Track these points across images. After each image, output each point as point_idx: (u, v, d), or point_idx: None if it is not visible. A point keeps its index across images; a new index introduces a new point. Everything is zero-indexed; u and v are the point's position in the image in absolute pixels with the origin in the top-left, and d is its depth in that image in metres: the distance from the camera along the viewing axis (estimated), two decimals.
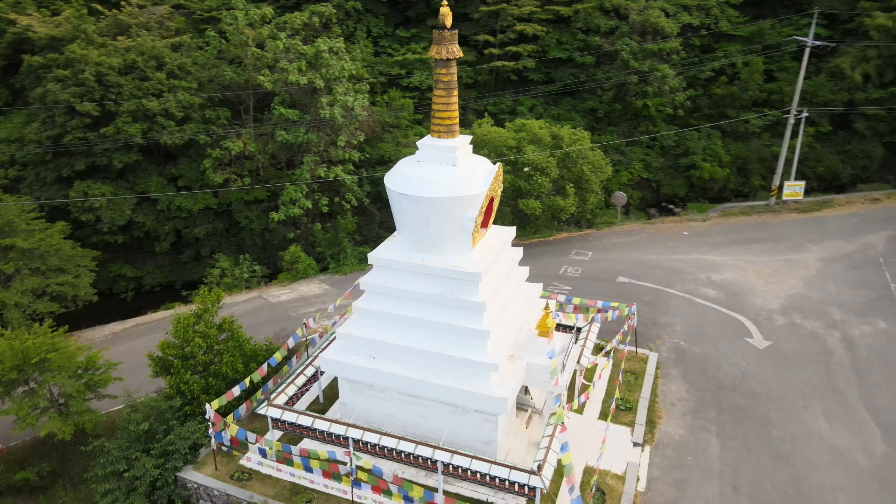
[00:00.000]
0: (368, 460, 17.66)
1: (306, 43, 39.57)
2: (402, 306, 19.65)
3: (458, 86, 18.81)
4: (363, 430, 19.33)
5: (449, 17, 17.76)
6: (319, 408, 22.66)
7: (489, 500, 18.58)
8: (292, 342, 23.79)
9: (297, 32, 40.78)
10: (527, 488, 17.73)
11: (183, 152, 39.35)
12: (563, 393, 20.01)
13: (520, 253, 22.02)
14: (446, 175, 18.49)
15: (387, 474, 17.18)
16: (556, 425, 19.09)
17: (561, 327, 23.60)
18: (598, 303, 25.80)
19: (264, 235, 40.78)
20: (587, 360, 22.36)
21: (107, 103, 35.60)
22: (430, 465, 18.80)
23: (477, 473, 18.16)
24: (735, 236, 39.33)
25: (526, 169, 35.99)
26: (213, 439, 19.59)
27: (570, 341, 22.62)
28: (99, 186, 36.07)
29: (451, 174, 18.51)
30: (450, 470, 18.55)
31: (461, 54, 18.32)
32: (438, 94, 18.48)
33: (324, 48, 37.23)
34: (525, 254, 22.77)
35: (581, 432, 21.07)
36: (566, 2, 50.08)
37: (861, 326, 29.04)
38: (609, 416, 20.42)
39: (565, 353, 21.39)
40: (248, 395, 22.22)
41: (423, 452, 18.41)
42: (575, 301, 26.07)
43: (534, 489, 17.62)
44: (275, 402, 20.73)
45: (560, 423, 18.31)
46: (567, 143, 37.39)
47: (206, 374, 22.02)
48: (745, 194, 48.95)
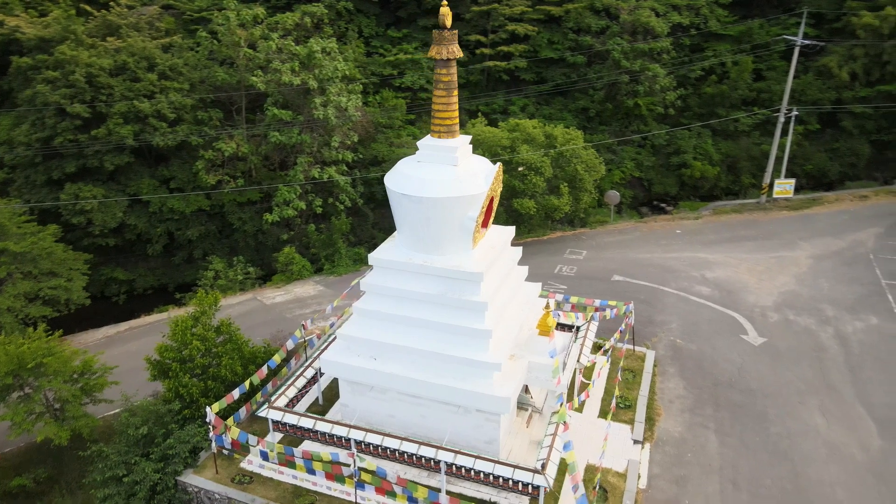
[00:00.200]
0: (371, 461, 17.63)
1: (298, 43, 39.41)
2: (402, 307, 19.63)
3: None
4: (365, 431, 19.29)
5: (449, 17, 17.78)
6: (319, 409, 22.58)
7: (492, 499, 18.59)
8: (291, 344, 23.69)
9: (288, 33, 40.61)
10: (530, 487, 17.79)
11: (175, 154, 39.06)
12: (565, 392, 20.07)
13: (519, 252, 22.08)
14: (447, 175, 18.49)
15: (391, 475, 17.15)
16: (558, 424, 19.16)
17: (560, 326, 23.66)
18: (596, 301, 25.89)
19: (257, 237, 40.58)
20: (586, 359, 22.44)
21: (98, 105, 35.26)
22: (432, 465, 18.81)
23: (480, 473, 18.19)
24: (727, 234, 39.65)
25: (520, 168, 36.06)
26: (214, 442, 19.47)
27: (570, 340, 22.70)
28: (90, 189, 35.72)
29: (452, 174, 18.52)
30: (453, 470, 18.56)
31: (461, 54, 18.33)
32: (438, 95, 18.48)
33: (317, 48, 37.11)
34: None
35: (581, 431, 21.12)
36: (557, 2, 50.26)
37: (853, 322, 29.37)
38: (610, 414, 20.50)
39: (566, 352, 21.46)
40: (247, 398, 22.10)
41: (427, 453, 18.41)
42: (573, 300, 26.16)
43: (537, 488, 17.67)
44: (275, 404, 20.64)
45: (562, 421, 18.37)
46: (561, 143, 37.52)
47: (205, 377, 21.87)
48: (735, 192, 49.36)
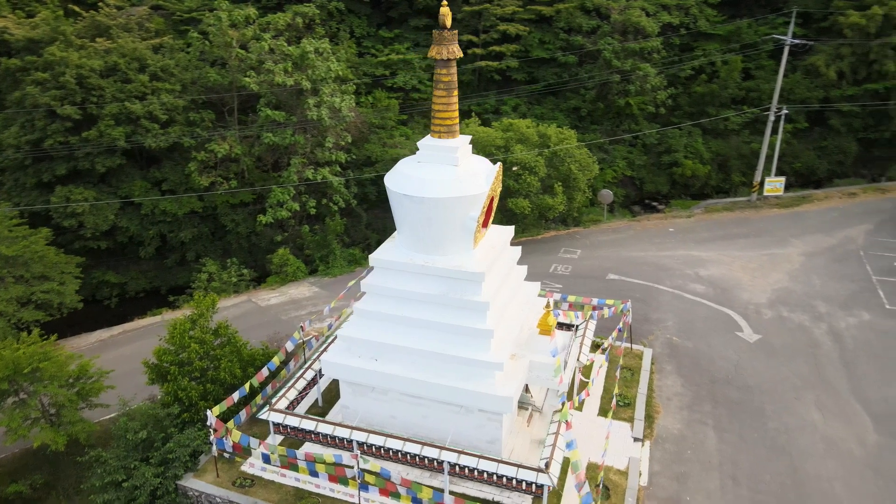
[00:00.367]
0: (374, 463, 17.57)
1: (290, 44, 39.24)
2: (403, 307, 19.60)
3: (458, 86, 18.79)
4: (368, 432, 19.24)
5: (449, 17, 17.77)
6: (319, 411, 22.48)
7: (495, 498, 18.58)
8: (290, 346, 23.57)
9: (280, 33, 40.42)
10: (534, 486, 17.83)
11: (167, 155, 38.74)
12: (566, 391, 20.14)
13: (518, 252, 22.13)
14: (448, 175, 18.48)
15: (395, 476, 17.11)
16: (560, 423, 19.22)
17: (560, 325, 23.71)
18: (594, 300, 26.00)
19: (251, 238, 40.35)
20: (585, 358, 22.53)
21: (88, 106, 34.89)
22: (436, 465, 18.80)
23: (484, 473, 18.22)
24: (719, 232, 39.95)
25: (514, 168, 36.12)
26: (215, 446, 19.34)
27: (570, 339, 22.76)
28: (81, 191, 35.34)
29: (453, 174, 18.51)
30: (456, 470, 18.57)
31: (461, 54, 18.33)
32: (438, 95, 18.47)
33: (310, 49, 36.95)
34: None
35: (581, 429, 21.16)
36: (548, 1, 50.37)
37: (846, 318, 29.70)
38: (611, 412, 20.59)
39: (567, 351, 21.52)
40: (246, 401, 21.96)
41: (430, 453, 18.39)
42: (570, 299, 26.24)
43: (541, 487, 17.73)
44: (276, 406, 20.53)
45: (565, 420, 18.42)
46: (554, 142, 37.63)
47: (204, 381, 21.71)
48: (725, 190, 49.73)
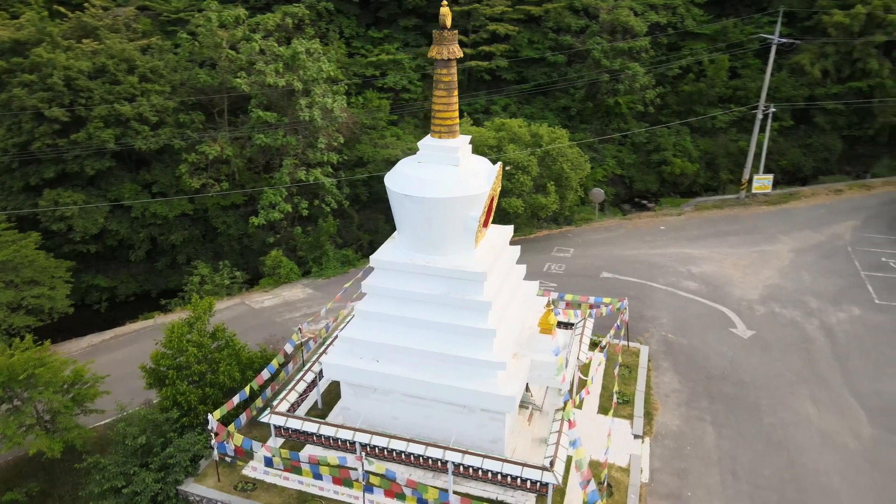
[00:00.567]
0: (379, 464, 17.53)
1: (280, 45, 39.01)
2: (404, 307, 19.57)
3: (460, 86, 18.79)
4: (371, 433, 19.19)
5: (449, 17, 17.78)
6: (318, 413, 22.39)
7: (499, 497, 18.61)
8: (289, 348, 23.44)
9: (270, 34, 40.18)
10: (539, 485, 17.88)
11: (156, 158, 38.35)
12: (569, 389, 20.22)
13: (517, 251, 22.20)
14: (449, 175, 18.48)
15: (400, 478, 17.08)
16: (562, 421, 19.30)
17: (559, 324, 23.80)
18: (590, 298, 26.14)
19: (242, 241, 40.06)
20: (585, 356, 22.64)
21: (77, 108, 34.43)
22: (439, 466, 18.79)
23: (489, 473, 18.24)
24: (710, 229, 40.32)
25: (507, 168, 36.19)
26: (216, 450, 19.18)
27: (571, 338, 22.86)
28: (70, 194, 34.86)
29: (454, 174, 18.52)
30: (460, 470, 18.58)
31: (461, 54, 18.34)
32: (439, 95, 18.46)
33: (301, 49, 36.76)
34: None
35: (582, 427, 21.22)
36: (536, 1, 50.56)
37: (837, 314, 30.11)
38: (612, 409, 20.70)
39: (567, 350, 21.61)
40: (246, 404, 21.80)
41: (434, 454, 18.38)
42: (567, 297, 26.36)
43: (545, 485, 17.78)
44: (277, 409, 20.41)
45: (568, 419, 18.51)
46: (546, 142, 37.76)
47: (203, 384, 21.52)
48: (714, 188, 50.21)
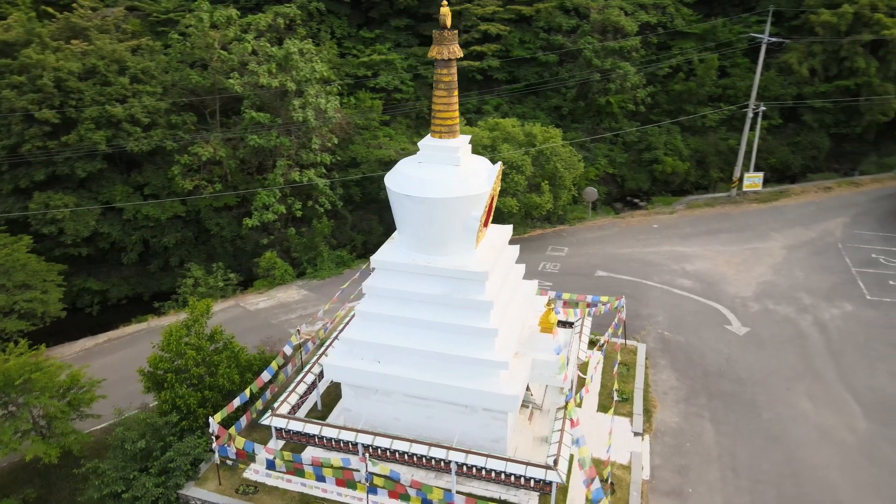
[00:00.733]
0: (383, 465, 17.49)
1: (271, 45, 38.80)
2: (405, 308, 19.54)
3: (457, 86, 18.78)
4: (374, 435, 19.14)
5: (449, 17, 17.76)
6: (318, 415, 22.32)
7: (501, 497, 18.63)
8: (289, 349, 23.32)
9: (261, 34, 39.95)
10: (542, 483, 17.92)
11: (148, 159, 38.00)
12: (571, 388, 20.30)
13: (516, 251, 22.24)
14: (450, 175, 18.48)
15: (404, 478, 17.06)
16: (564, 420, 19.37)
17: (558, 323, 23.87)
18: (588, 297, 26.24)
19: (235, 242, 39.80)
20: (584, 354, 22.73)
21: (67, 110, 34.05)
22: (442, 466, 18.78)
23: (492, 472, 18.25)
24: (702, 227, 40.61)
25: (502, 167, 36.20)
26: (217, 453, 19.05)
27: (570, 336, 22.93)
28: (61, 197, 34.45)
29: (455, 174, 18.52)
30: (463, 470, 18.58)
31: (461, 54, 18.34)
32: (439, 95, 18.45)
33: (294, 50, 36.60)
34: None
35: (582, 425, 21.30)
36: (527, 1, 50.66)
37: (830, 310, 30.43)
38: (612, 407, 20.78)
39: (568, 348, 21.68)
40: (245, 407, 21.67)
41: (437, 454, 18.37)
42: (565, 296, 26.44)
43: (549, 484, 17.82)
44: (278, 411, 20.30)
45: (571, 417, 18.57)
46: (540, 141, 37.86)
47: (202, 387, 21.37)
48: (705, 186, 50.54)
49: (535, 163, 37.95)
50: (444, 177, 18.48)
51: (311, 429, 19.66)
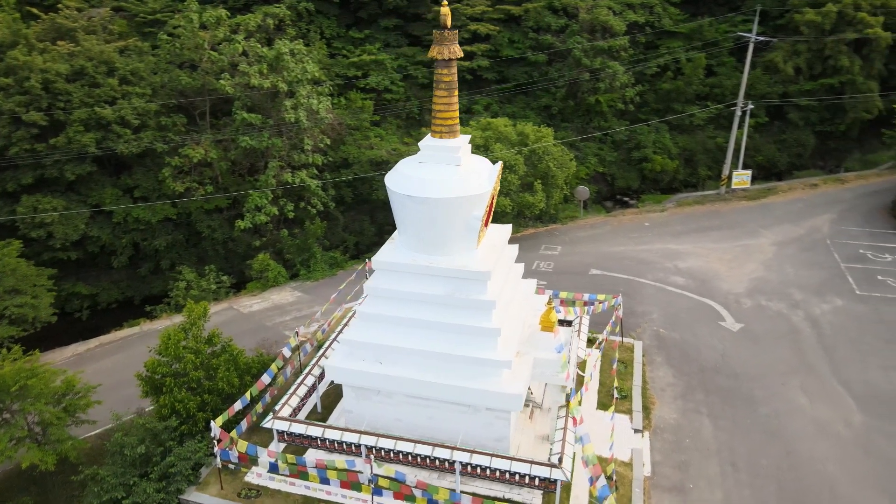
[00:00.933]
0: (388, 466, 17.46)
1: (261, 46, 38.55)
2: (407, 308, 19.50)
3: (458, 86, 18.78)
4: (377, 436, 19.09)
5: (449, 17, 17.76)
6: (318, 416, 22.22)
7: (505, 496, 18.66)
8: (287, 352, 23.19)
9: (251, 34, 39.68)
10: (547, 482, 17.98)
11: (138, 162, 37.58)
12: (573, 386, 20.38)
13: (516, 250, 22.26)
14: (451, 175, 18.47)
15: (410, 479, 17.03)
16: (567, 418, 19.45)
17: (559, 322, 23.93)
18: (585, 296, 26.36)
19: (227, 245, 39.51)
20: (583, 353, 22.84)
21: (55, 112, 33.59)
22: (446, 466, 18.77)
23: (496, 471, 18.27)
24: (693, 225, 40.94)
25: None
26: (219, 457, 18.90)
27: (571, 335, 23.02)
28: (49, 200, 33.99)
29: (456, 174, 18.52)
30: (468, 470, 18.59)
31: (462, 54, 18.35)
32: (439, 95, 18.43)
33: (285, 50, 36.38)
34: None
35: (584, 423, 21.44)
36: (516, 1, 50.79)
37: (821, 305, 30.81)
38: (613, 405, 20.87)
39: (568, 347, 21.76)
40: (246, 410, 21.52)
41: (442, 454, 18.36)
42: (562, 295, 26.54)
43: (553, 482, 17.89)
44: (280, 414, 20.18)
45: (574, 416, 18.65)
46: (532, 141, 37.97)
47: (200, 391, 21.18)
48: (693, 184, 50.96)
49: (527, 162, 38.07)
50: (445, 177, 18.47)
51: (314, 431, 19.56)
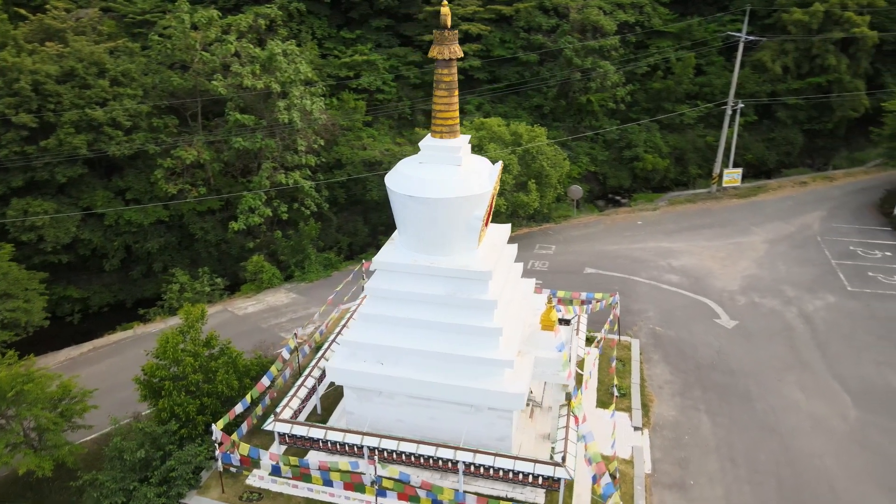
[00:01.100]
0: (392, 468, 17.43)
1: (253, 46, 38.34)
2: (408, 309, 19.49)
3: (457, 86, 18.79)
4: (380, 437, 19.06)
5: (449, 17, 17.82)
6: (318, 418, 22.15)
7: (508, 495, 18.70)
8: (286, 354, 23.09)
9: (242, 35, 39.46)
10: (550, 480, 18.03)
11: (129, 164, 37.22)
12: (573, 385, 20.45)
13: (515, 249, 22.32)
14: (452, 175, 18.49)
15: (414, 480, 17.02)
16: (568, 417, 19.51)
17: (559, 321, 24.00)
18: (582, 294, 26.46)
19: (220, 247, 39.24)
20: (583, 351, 22.93)
21: (46, 114, 33.20)
22: (449, 466, 18.78)
23: (500, 470, 18.30)
24: (685, 223, 41.22)
25: None
26: (221, 460, 18.78)
27: (571, 334, 23.10)
28: (40, 203, 33.59)
29: (457, 174, 18.53)
30: (470, 469, 18.60)
31: (462, 54, 18.37)
32: (440, 95, 18.44)
33: (277, 51, 36.21)
34: None
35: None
36: (507, 1, 50.85)
37: (813, 301, 31.15)
38: (613, 403, 20.99)
39: (569, 346, 21.84)
40: (246, 412, 21.37)
41: (445, 454, 18.36)
42: (560, 294, 26.62)
43: (557, 481, 17.94)
44: (281, 416, 20.09)
45: (576, 414, 18.72)
46: (526, 140, 38.07)
47: (199, 394, 21.03)
48: (684, 183, 51.29)
49: (521, 161, 38.15)
50: (445, 177, 18.48)
51: (316, 433, 19.50)
